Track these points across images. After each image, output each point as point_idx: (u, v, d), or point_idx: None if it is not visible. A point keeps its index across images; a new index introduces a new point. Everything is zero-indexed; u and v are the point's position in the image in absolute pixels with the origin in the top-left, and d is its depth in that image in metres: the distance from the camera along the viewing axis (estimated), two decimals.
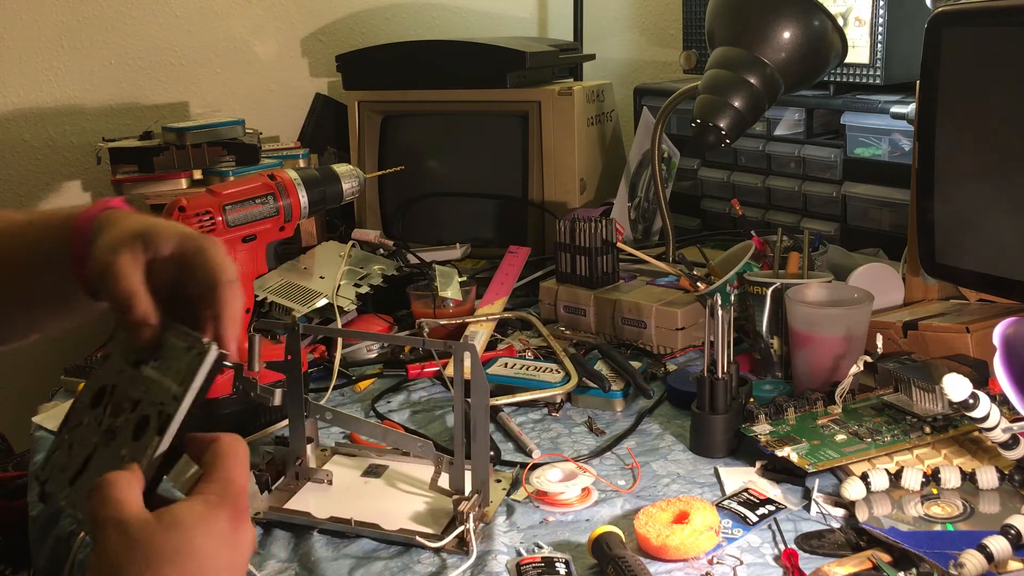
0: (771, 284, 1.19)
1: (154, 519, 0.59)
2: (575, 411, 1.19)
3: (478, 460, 0.91)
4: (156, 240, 0.70)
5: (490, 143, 1.83)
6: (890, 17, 1.50)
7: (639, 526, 0.87)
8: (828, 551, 0.85)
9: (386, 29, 2.17)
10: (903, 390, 1.05)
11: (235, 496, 0.62)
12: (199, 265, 0.69)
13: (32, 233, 0.79)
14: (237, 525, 0.62)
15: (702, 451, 1.05)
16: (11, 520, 1.50)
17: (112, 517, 0.59)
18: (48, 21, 1.86)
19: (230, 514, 0.62)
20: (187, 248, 0.70)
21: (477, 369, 0.89)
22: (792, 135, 1.67)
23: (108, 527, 0.59)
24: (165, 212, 1.12)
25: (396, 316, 1.46)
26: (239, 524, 0.62)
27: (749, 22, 1.40)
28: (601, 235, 1.40)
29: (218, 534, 0.60)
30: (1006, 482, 0.91)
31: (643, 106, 1.84)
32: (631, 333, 1.35)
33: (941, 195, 1.16)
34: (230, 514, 0.62)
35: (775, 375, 1.21)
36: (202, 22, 1.99)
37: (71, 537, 1.01)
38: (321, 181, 1.25)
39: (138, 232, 0.70)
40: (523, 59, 1.75)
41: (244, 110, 1.98)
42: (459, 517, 0.88)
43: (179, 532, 0.59)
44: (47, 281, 0.78)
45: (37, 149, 1.90)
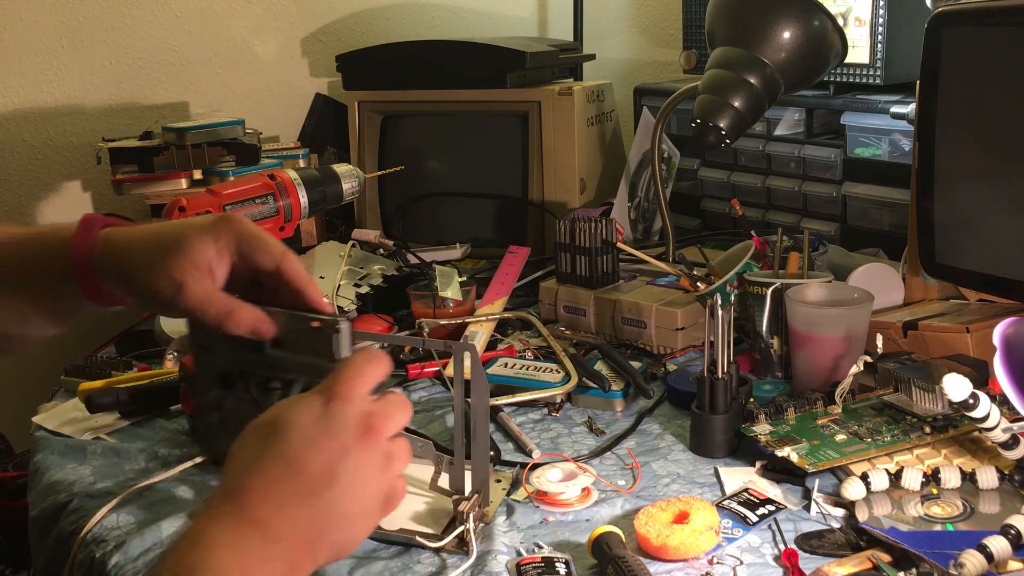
0: (771, 284, 1.19)
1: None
2: (575, 411, 1.19)
3: (478, 460, 0.91)
4: (213, 252, 0.76)
5: (490, 143, 1.83)
6: (890, 17, 1.50)
7: (639, 526, 0.87)
8: (828, 551, 0.85)
9: (386, 29, 2.17)
10: (903, 390, 1.05)
11: (333, 380, 0.69)
12: (258, 251, 0.77)
13: (29, 251, 0.83)
14: (329, 403, 0.67)
15: (702, 451, 1.05)
16: (11, 520, 1.50)
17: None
18: (48, 21, 1.86)
19: (324, 394, 0.68)
20: (243, 246, 0.77)
21: (477, 369, 0.89)
22: (792, 135, 1.67)
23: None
24: (165, 212, 1.13)
25: (396, 316, 1.46)
26: (333, 403, 0.67)
27: (749, 22, 1.40)
28: (601, 235, 1.40)
29: (304, 408, 0.67)
30: (1006, 482, 0.91)
31: (643, 106, 1.84)
32: (631, 333, 1.35)
33: (941, 195, 1.16)
34: (324, 394, 0.68)
35: (775, 375, 1.21)
36: (202, 22, 1.99)
37: (71, 537, 1.01)
38: (321, 181, 1.25)
39: (189, 249, 0.76)
40: (523, 59, 1.75)
41: (244, 110, 1.98)
42: (459, 517, 0.88)
43: (275, 408, 0.68)
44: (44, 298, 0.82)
45: (37, 149, 1.90)
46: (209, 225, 0.78)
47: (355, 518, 0.67)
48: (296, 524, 0.64)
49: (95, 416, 1.23)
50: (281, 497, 0.64)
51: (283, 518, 0.64)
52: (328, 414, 0.67)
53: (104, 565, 0.94)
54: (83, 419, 1.22)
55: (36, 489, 1.12)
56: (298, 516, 0.64)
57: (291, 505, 0.64)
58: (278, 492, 0.64)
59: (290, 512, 0.64)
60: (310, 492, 0.65)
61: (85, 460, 1.13)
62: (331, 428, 0.67)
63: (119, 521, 0.99)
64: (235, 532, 0.63)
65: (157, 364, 1.35)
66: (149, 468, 1.10)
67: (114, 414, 1.23)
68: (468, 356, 0.88)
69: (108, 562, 0.94)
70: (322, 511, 0.65)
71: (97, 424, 1.22)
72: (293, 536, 0.64)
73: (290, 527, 0.64)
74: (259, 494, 0.64)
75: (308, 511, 0.65)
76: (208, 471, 1.08)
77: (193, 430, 1.17)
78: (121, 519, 1.00)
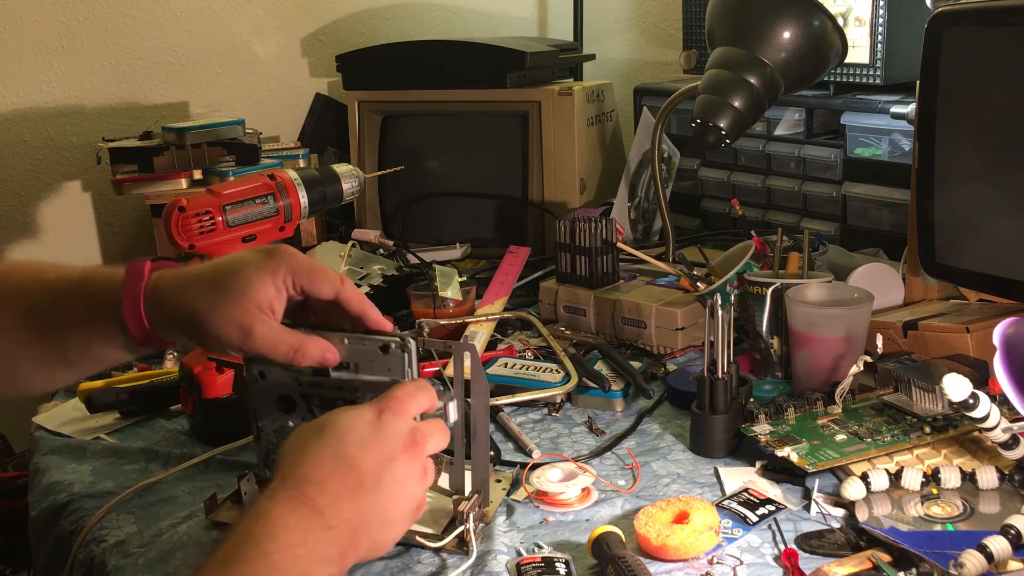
0: (771, 284, 1.19)
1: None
2: (575, 411, 1.19)
3: (478, 460, 0.91)
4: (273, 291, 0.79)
5: (490, 143, 1.83)
6: (890, 17, 1.50)
7: (639, 526, 0.87)
8: (828, 551, 0.85)
9: (386, 29, 2.17)
10: (903, 390, 1.05)
11: (387, 396, 0.76)
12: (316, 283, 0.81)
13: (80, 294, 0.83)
14: (382, 414, 0.74)
15: (702, 451, 1.05)
16: (11, 520, 1.50)
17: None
18: (48, 21, 1.86)
19: (378, 406, 0.75)
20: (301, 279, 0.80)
21: (477, 369, 0.89)
22: (792, 135, 1.67)
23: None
24: (165, 212, 1.12)
25: (396, 316, 1.46)
26: (385, 415, 0.74)
27: (749, 22, 1.40)
28: (601, 235, 1.40)
29: (359, 415, 0.74)
30: (1006, 482, 0.91)
31: (643, 106, 1.84)
32: (631, 333, 1.35)
33: (941, 195, 1.16)
34: (378, 406, 0.75)
35: (775, 375, 1.21)
36: (202, 22, 1.99)
37: (71, 537, 1.01)
38: (321, 181, 1.25)
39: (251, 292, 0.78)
40: (523, 59, 1.75)
41: (244, 110, 1.98)
42: (459, 517, 0.88)
43: (333, 414, 0.75)
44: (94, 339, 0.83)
45: (37, 149, 1.90)
46: (264, 263, 0.79)
47: (393, 521, 0.74)
48: (347, 516, 0.71)
49: (95, 416, 1.23)
50: (337, 491, 0.71)
51: (337, 509, 0.70)
52: (380, 424, 0.74)
53: (104, 565, 0.94)
54: (83, 419, 1.23)
55: (36, 489, 1.12)
56: (349, 509, 0.71)
57: (344, 499, 0.71)
58: (334, 486, 0.71)
59: (343, 505, 0.70)
60: (360, 489, 0.71)
61: (85, 460, 1.13)
62: (381, 436, 0.74)
63: (119, 521, 0.99)
64: (297, 515, 0.69)
65: (157, 364, 1.35)
66: (149, 468, 1.10)
67: (114, 414, 1.24)
68: (468, 356, 0.88)
69: (108, 562, 0.94)
70: (368, 508, 0.72)
71: (97, 424, 1.22)
72: (344, 526, 0.70)
73: (342, 518, 0.70)
74: (318, 486, 0.70)
75: (357, 506, 0.71)
76: (208, 471, 1.08)
77: (194, 431, 1.17)
78: (121, 519, 1.00)
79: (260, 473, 0.97)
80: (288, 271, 0.79)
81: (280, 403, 0.88)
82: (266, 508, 0.69)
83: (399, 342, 0.83)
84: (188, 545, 0.93)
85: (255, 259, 0.79)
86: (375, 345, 0.83)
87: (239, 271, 0.79)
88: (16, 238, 1.90)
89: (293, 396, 0.87)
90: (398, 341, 0.83)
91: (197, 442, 1.15)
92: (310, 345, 0.80)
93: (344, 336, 0.84)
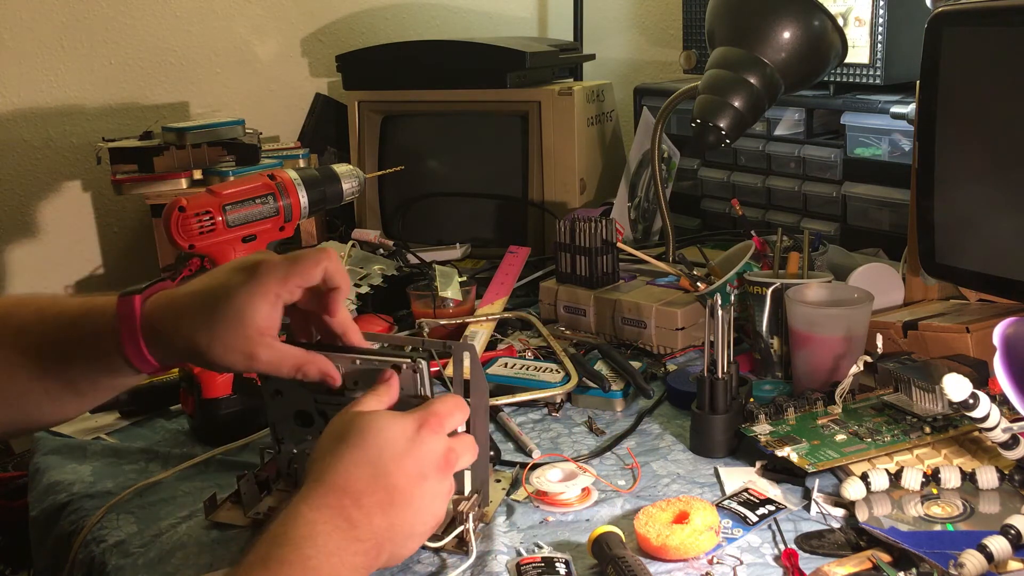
0: (771, 284, 1.19)
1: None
2: (575, 411, 1.19)
3: (478, 460, 0.91)
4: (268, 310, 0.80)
5: (490, 143, 1.83)
6: (890, 17, 1.50)
7: (639, 526, 0.87)
8: (828, 551, 0.85)
9: (386, 29, 2.17)
10: (903, 390, 1.05)
11: (428, 412, 0.78)
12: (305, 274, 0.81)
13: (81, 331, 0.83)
14: (421, 429, 0.76)
15: (702, 451, 1.05)
16: (11, 520, 1.50)
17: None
18: (48, 21, 1.86)
19: (419, 420, 0.77)
20: (294, 281, 0.81)
21: (477, 369, 0.89)
22: (792, 135, 1.67)
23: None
24: (165, 212, 1.12)
25: (396, 316, 1.46)
26: (424, 431, 0.76)
27: (749, 22, 1.40)
28: (601, 235, 1.40)
29: (399, 428, 0.76)
30: (1006, 482, 0.91)
31: (643, 106, 1.84)
32: (631, 333, 1.35)
33: (941, 195, 1.16)
34: (419, 420, 0.77)
35: (775, 375, 1.21)
36: (202, 22, 1.99)
37: (71, 537, 1.01)
38: (321, 181, 1.24)
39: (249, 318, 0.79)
40: (523, 59, 1.75)
41: (244, 110, 1.98)
42: (459, 517, 0.88)
43: (371, 419, 0.76)
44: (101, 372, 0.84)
45: (37, 149, 1.90)
46: (253, 285, 0.79)
47: (416, 537, 0.77)
48: (376, 530, 0.73)
49: (95, 416, 1.23)
50: (370, 506, 0.73)
51: (368, 523, 0.72)
52: (419, 439, 0.76)
53: (104, 565, 0.94)
54: (83, 419, 1.22)
55: (36, 489, 1.12)
56: (379, 523, 0.73)
57: (376, 514, 0.73)
58: (368, 500, 0.73)
59: (374, 520, 0.73)
60: (391, 505, 0.74)
61: (85, 460, 1.13)
62: (418, 453, 0.75)
63: (119, 521, 0.99)
64: (332, 524, 0.71)
65: None
66: (149, 468, 1.10)
67: (114, 414, 1.24)
68: (467, 356, 0.88)
69: (108, 562, 0.94)
70: (395, 525, 0.74)
71: (97, 424, 1.22)
72: (372, 539, 0.73)
73: (372, 532, 0.73)
74: (352, 498, 0.72)
75: (387, 521, 0.73)
76: (208, 471, 1.08)
77: (194, 431, 1.17)
78: (121, 519, 1.00)
79: (260, 473, 0.97)
80: (277, 284, 0.79)
81: (297, 418, 0.90)
82: (304, 514, 0.71)
83: (411, 363, 0.83)
84: (188, 545, 0.93)
85: (242, 281, 0.79)
86: (387, 366, 0.84)
87: (231, 297, 0.79)
88: (16, 238, 1.90)
89: (311, 411, 0.89)
90: (409, 363, 0.83)
91: (197, 442, 1.15)
92: (312, 365, 0.82)
93: (357, 357, 0.85)
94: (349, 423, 0.76)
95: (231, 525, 0.95)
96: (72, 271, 1.95)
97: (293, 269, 0.80)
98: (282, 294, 0.80)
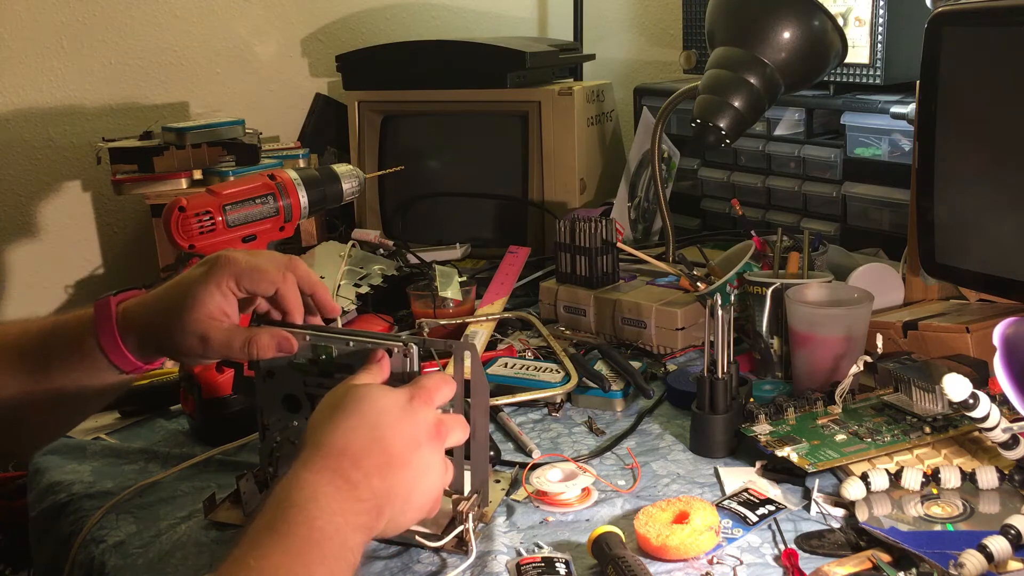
0: (771, 284, 1.19)
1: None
2: (575, 411, 1.19)
3: (477, 460, 0.91)
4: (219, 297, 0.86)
5: (490, 143, 1.83)
6: (890, 17, 1.50)
7: (639, 526, 0.87)
8: (828, 551, 0.85)
9: (386, 29, 2.17)
10: (903, 390, 1.05)
11: (417, 386, 0.81)
12: (256, 282, 0.87)
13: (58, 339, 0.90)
14: (413, 400, 0.79)
15: (702, 451, 1.05)
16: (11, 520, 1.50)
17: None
18: (48, 21, 1.86)
19: (410, 393, 0.80)
20: (244, 280, 0.86)
21: (477, 369, 0.89)
22: (792, 135, 1.67)
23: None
24: (165, 212, 1.12)
25: (396, 316, 1.46)
26: (416, 401, 0.79)
27: (749, 22, 1.40)
28: (601, 235, 1.40)
29: (393, 397, 0.78)
30: (1006, 482, 0.91)
31: (643, 106, 1.84)
32: (631, 333, 1.35)
33: (941, 195, 1.16)
34: (410, 393, 0.80)
35: (775, 375, 1.21)
36: (202, 22, 1.99)
37: (71, 537, 1.01)
38: (321, 181, 1.24)
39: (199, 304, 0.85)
40: (523, 59, 1.75)
41: (244, 110, 1.98)
42: (458, 517, 0.88)
43: (366, 390, 0.79)
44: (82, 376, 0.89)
45: (37, 149, 1.90)
46: (207, 275, 0.86)
47: (413, 505, 0.78)
48: (376, 491, 0.75)
49: (95, 416, 1.23)
50: (369, 467, 0.75)
51: (368, 484, 0.74)
52: (411, 409, 0.79)
53: (104, 565, 0.94)
54: None
55: (36, 489, 1.12)
56: (378, 485, 0.75)
57: (375, 475, 0.75)
58: (367, 463, 0.75)
59: (373, 481, 0.75)
60: (389, 467, 0.76)
61: (85, 460, 1.13)
62: (412, 420, 0.78)
63: (119, 521, 0.99)
64: (334, 485, 0.73)
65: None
66: (149, 468, 1.10)
67: (114, 414, 1.23)
68: (468, 356, 0.88)
69: (108, 562, 0.94)
70: (394, 487, 0.76)
71: (97, 424, 1.22)
72: (372, 500, 0.74)
73: (372, 492, 0.74)
74: (352, 460, 0.74)
75: (385, 484, 0.75)
76: (208, 471, 1.08)
77: (194, 431, 1.17)
78: (121, 519, 1.00)
79: (260, 472, 0.97)
80: (230, 276, 0.86)
81: (286, 402, 0.91)
82: (305, 478, 0.73)
83: (401, 346, 0.85)
84: (187, 545, 0.93)
85: (199, 273, 0.87)
86: (379, 348, 0.85)
87: (187, 287, 0.87)
88: (16, 238, 1.90)
89: (298, 396, 0.90)
90: (400, 345, 0.85)
91: (197, 442, 1.15)
92: (261, 336, 0.86)
93: (349, 339, 0.87)
94: (344, 394, 0.79)
95: (230, 525, 0.95)
96: (72, 271, 1.95)
97: (247, 275, 0.87)
98: (233, 289, 0.87)
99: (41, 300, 1.92)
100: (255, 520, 0.71)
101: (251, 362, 0.91)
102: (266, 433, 0.94)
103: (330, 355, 0.89)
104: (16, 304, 1.91)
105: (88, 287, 1.96)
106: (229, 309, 0.87)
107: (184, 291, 0.87)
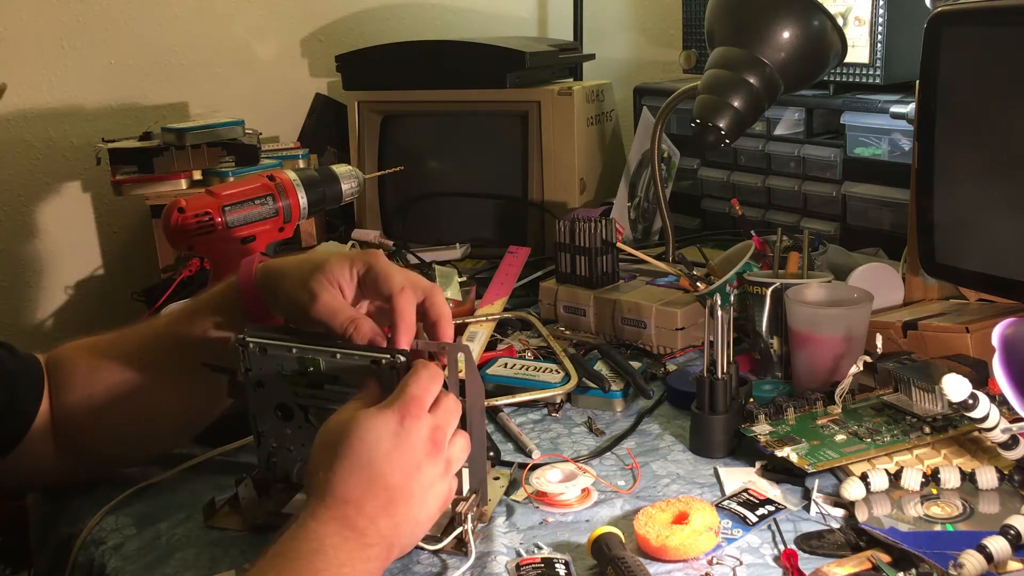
0: (771, 284, 1.19)
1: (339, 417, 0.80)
2: (575, 411, 1.19)
3: (475, 459, 0.91)
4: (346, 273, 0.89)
5: (490, 143, 1.83)
6: (890, 17, 1.50)
7: (639, 527, 0.87)
8: (828, 551, 0.85)
9: (386, 29, 2.17)
10: (903, 390, 1.05)
11: (404, 401, 0.78)
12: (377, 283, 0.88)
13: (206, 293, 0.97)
14: (404, 420, 0.78)
15: (702, 451, 1.05)
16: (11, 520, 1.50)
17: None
18: (48, 21, 1.86)
19: (399, 412, 0.78)
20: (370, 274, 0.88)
21: (471, 368, 0.89)
22: (792, 135, 1.67)
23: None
24: (165, 212, 1.13)
25: None
26: (407, 421, 0.78)
27: (749, 22, 1.40)
28: (601, 235, 1.40)
29: (383, 425, 0.77)
30: (1006, 482, 0.91)
31: (643, 106, 1.84)
32: (631, 333, 1.35)
33: (941, 195, 1.16)
34: (399, 412, 0.78)
35: (775, 375, 1.21)
36: (202, 22, 1.99)
37: (71, 538, 1.01)
38: (321, 182, 1.25)
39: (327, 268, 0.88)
40: (523, 59, 1.75)
41: (244, 110, 1.98)
42: (457, 518, 0.88)
43: (354, 424, 0.77)
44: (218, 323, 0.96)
45: (37, 149, 1.90)
46: (348, 253, 0.91)
47: (423, 522, 0.80)
48: (383, 532, 0.76)
49: None
50: (372, 511, 0.76)
51: (375, 529, 0.75)
52: (403, 433, 0.77)
53: (104, 566, 0.94)
54: None
55: (36, 490, 1.12)
56: (384, 525, 0.76)
57: (380, 517, 0.76)
58: (369, 507, 0.76)
59: (379, 523, 0.76)
60: (391, 503, 0.76)
61: None
62: (406, 446, 0.77)
63: (119, 522, 0.99)
64: (341, 536, 0.74)
65: None
66: (149, 468, 1.10)
67: None
68: (462, 357, 0.88)
69: (108, 563, 0.94)
70: (401, 521, 0.77)
71: None
72: (382, 542, 0.76)
73: (379, 535, 0.76)
74: (355, 507, 0.75)
75: (391, 521, 0.76)
76: (207, 472, 1.08)
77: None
78: (121, 519, 1.00)
79: (259, 476, 0.97)
80: (363, 263, 0.88)
81: (278, 410, 0.91)
82: (312, 528, 0.74)
83: (389, 359, 0.84)
84: (187, 547, 0.93)
85: (341, 248, 0.93)
86: (366, 361, 0.85)
87: (327, 255, 0.90)
88: (16, 238, 1.90)
89: (290, 405, 0.90)
90: (388, 358, 0.84)
91: (197, 442, 1.15)
92: (365, 323, 0.86)
93: (337, 351, 0.86)
94: (336, 429, 0.79)
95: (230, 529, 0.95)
96: (72, 271, 1.95)
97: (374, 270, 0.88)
98: (359, 273, 0.89)
99: (41, 300, 1.92)
100: (260, 565, 0.72)
101: (244, 371, 0.91)
102: (261, 440, 0.94)
103: (318, 367, 0.88)
104: (16, 304, 1.91)
105: (88, 287, 1.96)
106: (346, 286, 0.89)
107: (319, 255, 0.92)
